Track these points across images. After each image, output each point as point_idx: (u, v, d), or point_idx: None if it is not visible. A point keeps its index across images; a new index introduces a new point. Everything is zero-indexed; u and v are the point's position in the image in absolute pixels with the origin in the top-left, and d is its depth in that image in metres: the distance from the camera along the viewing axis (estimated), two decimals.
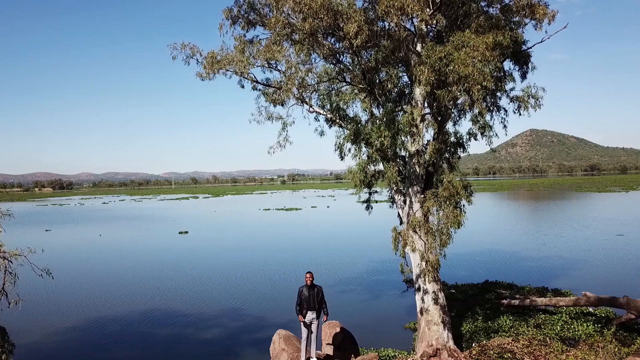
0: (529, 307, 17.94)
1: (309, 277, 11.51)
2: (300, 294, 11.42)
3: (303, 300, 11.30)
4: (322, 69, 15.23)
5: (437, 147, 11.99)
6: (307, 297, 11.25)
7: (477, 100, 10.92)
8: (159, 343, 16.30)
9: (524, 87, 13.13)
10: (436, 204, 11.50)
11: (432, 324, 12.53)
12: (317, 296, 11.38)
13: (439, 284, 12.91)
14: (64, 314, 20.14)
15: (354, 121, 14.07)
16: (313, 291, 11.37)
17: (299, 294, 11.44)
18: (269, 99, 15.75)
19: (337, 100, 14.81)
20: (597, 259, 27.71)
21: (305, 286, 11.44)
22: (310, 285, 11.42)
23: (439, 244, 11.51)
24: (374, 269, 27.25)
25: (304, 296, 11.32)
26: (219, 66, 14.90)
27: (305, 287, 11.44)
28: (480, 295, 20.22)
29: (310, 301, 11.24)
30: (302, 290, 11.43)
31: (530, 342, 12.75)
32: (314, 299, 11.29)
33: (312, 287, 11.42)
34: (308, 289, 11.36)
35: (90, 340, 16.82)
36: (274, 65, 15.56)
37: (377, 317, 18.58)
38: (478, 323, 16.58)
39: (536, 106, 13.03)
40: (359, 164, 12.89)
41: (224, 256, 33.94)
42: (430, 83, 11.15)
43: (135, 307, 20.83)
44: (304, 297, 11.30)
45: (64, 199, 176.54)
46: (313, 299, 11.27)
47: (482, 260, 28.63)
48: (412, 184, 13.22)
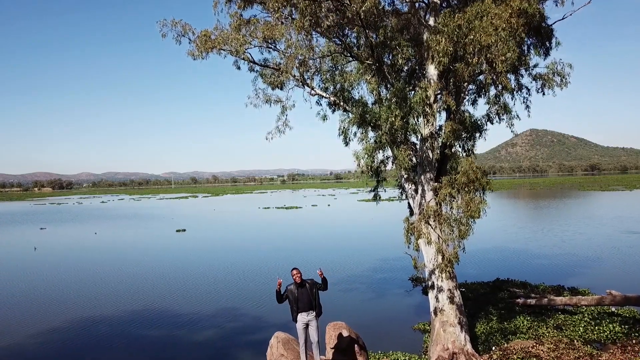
0: (547, 307, 16.71)
1: (296, 274, 10.00)
2: (289, 294, 9.94)
3: (293, 300, 9.83)
4: (325, 47, 14.00)
5: (453, 128, 10.72)
6: (297, 296, 9.78)
7: (501, 73, 9.68)
8: (148, 345, 15.05)
9: (549, 64, 11.88)
10: (454, 190, 10.24)
11: (448, 325, 11.28)
12: (311, 292, 9.89)
13: (454, 281, 11.67)
14: (48, 314, 18.86)
15: (360, 103, 12.82)
16: (304, 288, 9.89)
17: (287, 295, 9.97)
18: (266, 80, 14.54)
19: (341, 81, 13.56)
20: (616, 257, 26.41)
21: (294, 284, 9.94)
22: (300, 283, 9.93)
23: (457, 235, 10.25)
24: (378, 267, 26.00)
25: (294, 296, 9.84)
26: (212, 44, 13.68)
27: (293, 286, 9.94)
28: (492, 294, 18.99)
29: (303, 300, 9.77)
30: (291, 289, 9.94)
31: (556, 345, 11.51)
32: (307, 297, 9.81)
33: (302, 285, 9.93)
34: (297, 287, 9.88)
35: (75, 341, 15.56)
36: (272, 45, 14.36)
37: (383, 318, 17.34)
38: (493, 324, 15.35)
39: (562, 84, 11.77)
40: (365, 148, 11.63)
41: (221, 254, 32.71)
42: (448, 54, 9.90)
43: (125, 307, 19.58)
44: (293, 298, 9.83)
45: (62, 198, 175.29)
46: (306, 297, 9.81)
47: (491, 258, 27.40)
48: (424, 171, 11.97)
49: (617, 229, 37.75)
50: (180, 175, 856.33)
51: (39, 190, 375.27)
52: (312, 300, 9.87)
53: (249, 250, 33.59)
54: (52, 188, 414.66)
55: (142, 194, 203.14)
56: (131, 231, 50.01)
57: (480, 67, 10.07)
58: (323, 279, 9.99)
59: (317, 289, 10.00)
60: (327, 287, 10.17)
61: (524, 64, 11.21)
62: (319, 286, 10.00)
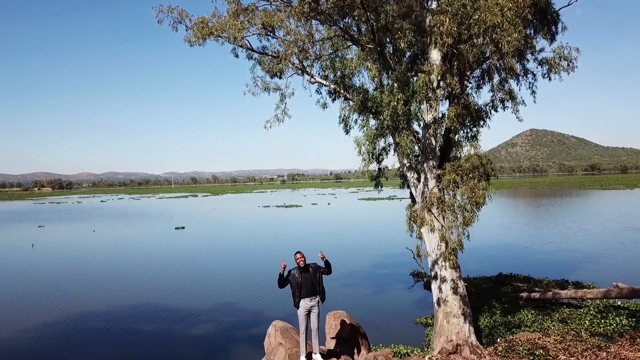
0: (551, 301, 16.39)
1: (300, 258, 9.37)
2: (292, 278, 9.29)
3: (295, 285, 9.22)
4: (325, 33, 13.67)
5: (458, 112, 10.38)
6: (300, 281, 9.17)
7: (507, 54, 9.34)
8: (144, 340, 14.71)
9: (555, 48, 11.55)
10: (457, 177, 9.90)
11: (452, 317, 10.94)
12: (315, 277, 9.31)
13: (458, 271, 11.33)
14: (44, 309, 18.52)
15: (361, 90, 12.50)
16: (308, 273, 9.29)
17: (290, 279, 9.35)
18: (265, 67, 14.20)
19: (342, 68, 13.22)
20: (622, 252, 26.06)
21: (297, 269, 9.34)
22: (304, 267, 9.34)
23: (462, 222, 9.91)
24: (378, 263, 25.67)
25: (296, 281, 9.18)
26: (209, 30, 13.35)
27: (296, 270, 9.33)
28: (495, 288, 18.66)
29: (306, 286, 9.17)
30: (294, 274, 9.29)
31: (563, 337, 11.17)
32: (311, 282, 9.22)
33: (306, 269, 9.34)
34: (300, 272, 9.28)
35: (69, 336, 15.22)
36: (271, 33, 14.03)
37: (385, 311, 17.02)
38: (496, 317, 15.06)
39: (569, 69, 11.44)
40: (367, 134, 11.30)
41: (220, 251, 32.37)
42: (452, 34, 9.56)
43: (122, 302, 19.24)
44: (295, 283, 9.22)
45: (62, 198, 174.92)
46: (309, 282, 9.21)
47: (494, 253, 27.07)
48: (427, 159, 11.64)
49: (623, 225, 37.39)
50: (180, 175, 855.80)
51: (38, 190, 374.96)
52: (316, 285, 9.34)
53: (248, 247, 33.25)
54: (52, 188, 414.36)
55: (142, 193, 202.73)
56: (130, 229, 49.66)
57: (486, 47, 9.73)
58: (326, 262, 9.50)
59: (320, 273, 9.48)
60: (331, 271, 9.66)
61: (530, 46, 10.89)
62: (323, 270, 9.53)
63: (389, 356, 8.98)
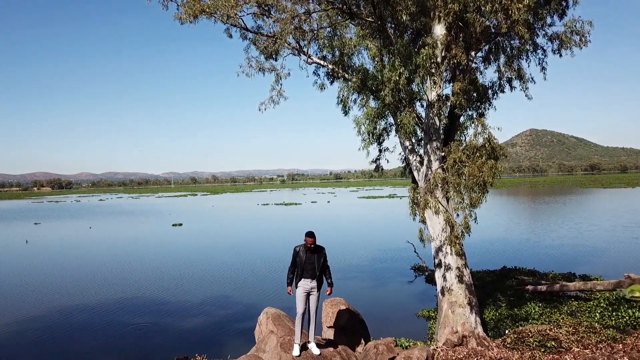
0: (559, 294, 15.72)
1: (310, 240, 8.48)
2: (296, 255, 8.50)
3: (298, 263, 8.43)
4: (322, 11, 12.99)
5: (463, 87, 9.71)
6: (304, 260, 8.37)
7: (517, 22, 8.67)
8: (132, 332, 14.02)
9: (567, 22, 10.86)
10: (463, 155, 9.23)
11: (457, 306, 10.27)
12: (319, 261, 8.50)
13: (464, 258, 10.67)
14: (36, 303, 17.82)
15: (361, 69, 11.82)
16: (314, 255, 8.49)
17: (293, 256, 8.54)
18: (260, 47, 13.52)
19: (340, 46, 12.55)
20: (633, 245, 25.35)
21: (304, 246, 8.50)
22: (312, 249, 8.51)
23: (468, 203, 9.24)
24: (379, 257, 25.00)
25: (300, 258, 8.42)
26: (201, 7, 12.67)
27: (302, 248, 8.52)
28: (499, 281, 18.01)
29: (310, 266, 8.39)
30: (299, 251, 8.48)
31: (575, 328, 10.51)
32: (316, 263, 8.43)
33: (314, 251, 8.52)
34: (307, 252, 8.46)
35: (63, 328, 14.55)
36: (266, 12, 13.35)
37: (386, 305, 16.34)
38: (502, 310, 14.38)
39: (581, 44, 10.77)
40: (366, 113, 10.63)
41: (216, 247, 31.67)
42: (459, 1, 8.89)
43: (112, 295, 18.56)
44: (299, 260, 8.42)
45: (61, 197, 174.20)
46: (314, 263, 8.43)
47: (497, 248, 26.39)
48: (430, 140, 10.96)
49: (635, 220, 36.67)
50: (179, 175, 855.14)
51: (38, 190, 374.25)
52: (317, 270, 8.52)
53: (245, 243, 32.60)
54: (52, 188, 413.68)
55: (141, 193, 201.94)
56: (127, 225, 48.98)
57: (494, 16, 9.06)
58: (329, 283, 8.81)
59: (325, 258, 8.69)
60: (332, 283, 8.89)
61: (541, 18, 10.22)
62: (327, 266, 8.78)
63: (390, 345, 8.29)
